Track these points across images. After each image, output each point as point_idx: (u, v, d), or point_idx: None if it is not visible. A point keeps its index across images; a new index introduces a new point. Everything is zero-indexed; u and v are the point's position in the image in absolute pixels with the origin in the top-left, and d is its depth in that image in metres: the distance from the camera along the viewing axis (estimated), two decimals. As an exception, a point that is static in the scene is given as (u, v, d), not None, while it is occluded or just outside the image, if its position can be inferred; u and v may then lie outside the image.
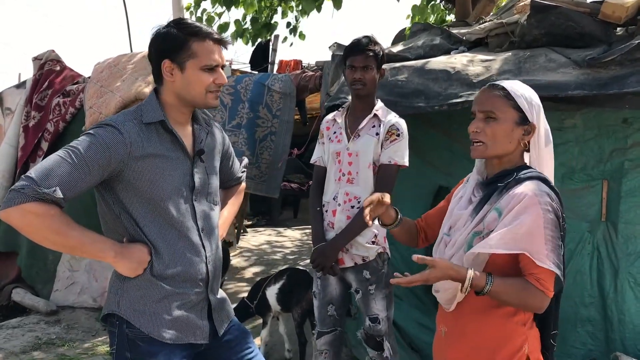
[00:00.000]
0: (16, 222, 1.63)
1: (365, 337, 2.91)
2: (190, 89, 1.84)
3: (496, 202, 1.70)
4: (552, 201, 1.64)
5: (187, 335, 1.87)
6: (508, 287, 1.64)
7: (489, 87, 1.79)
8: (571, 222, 3.34)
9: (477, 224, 1.72)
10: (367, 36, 2.82)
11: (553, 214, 1.63)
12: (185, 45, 1.81)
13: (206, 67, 1.83)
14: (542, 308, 1.67)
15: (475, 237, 1.71)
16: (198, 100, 1.87)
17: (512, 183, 1.70)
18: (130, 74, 4.97)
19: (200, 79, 1.83)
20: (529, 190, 1.64)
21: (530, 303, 1.66)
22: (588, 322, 3.35)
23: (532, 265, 1.62)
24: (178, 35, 1.81)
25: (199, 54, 1.81)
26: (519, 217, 1.61)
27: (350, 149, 2.82)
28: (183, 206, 1.86)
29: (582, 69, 3.00)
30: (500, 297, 1.65)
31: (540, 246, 1.60)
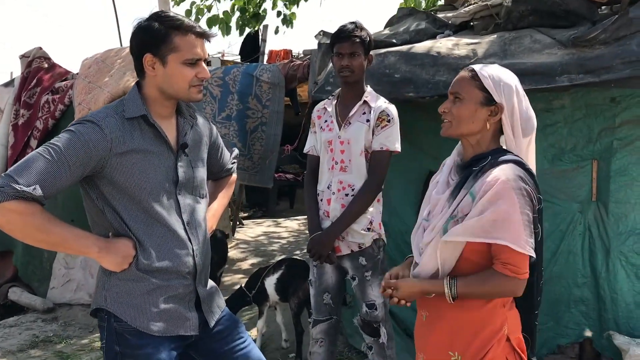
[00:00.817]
0: None
1: (361, 323, 2.91)
2: (173, 83, 1.83)
3: (471, 186, 1.70)
4: (526, 185, 1.64)
5: (176, 327, 1.87)
6: (474, 285, 1.68)
7: (462, 70, 1.82)
8: (562, 203, 3.36)
9: (455, 209, 1.72)
10: (353, 22, 2.81)
11: (527, 197, 1.64)
12: (167, 38, 1.79)
13: (188, 61, 1.81)
14: (516, 292, 1.68)
15: (450, 221, 1.72)
16: (181, 94, 1.86)
17: (487, 166, 1.70)
18: (118, 69, 4.94)
19: (183, 73, 1.81)
20: (503, 175, 1.63)
21: (502, 291, 1.68)
22: (581, 302, 3.36)
23: (501, 252, 1.63)
24: (160, 28, 1.79)
25: (181, 48, 1.80)
26: (495, 204, 1.61)
27: (341, 137, 2.82)
28: (167, 201, 1.86)
29: (567, 48, 2.98)
30: (470, 296, 1.70)
31: (519, 232, 1.61)
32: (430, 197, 1.89)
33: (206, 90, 4.70)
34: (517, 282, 1.65)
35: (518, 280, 1.65)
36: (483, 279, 1.68)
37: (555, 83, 2.94)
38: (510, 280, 1.64)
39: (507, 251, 1.62)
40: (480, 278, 1.68)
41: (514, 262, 1.63)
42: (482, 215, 1.62)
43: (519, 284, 1.66)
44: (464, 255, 1.71)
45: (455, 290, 1.68)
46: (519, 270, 1.64)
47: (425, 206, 1.90)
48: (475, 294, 1.70)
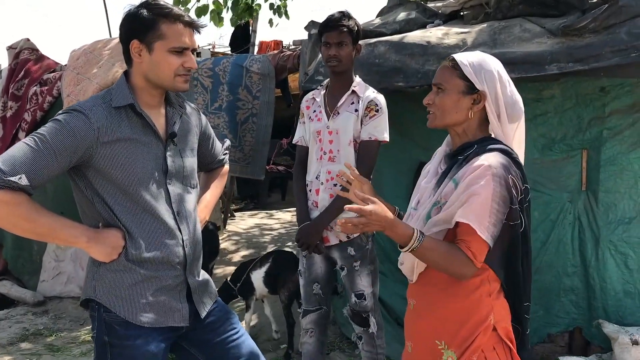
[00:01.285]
0: None
1: (351, 313, 2.92)
2: (158, 71, 1.81)
3: (455, 174, 1.69)
4: (508, 174, 1.62)
5: (166, 318, 1.86)
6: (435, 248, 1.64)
7: (444, 60, 1.80)
8: (552, 193, 3.37)
9: (438, 197, 1.72)
10: (341, 11, 2.79)
11: (505, 188, 1.61)
12: (154, 25, 1.78)
13: (174, 49, 1.80)
14: (464, 275, 1.67)
15: (434, 208, 1.72)
16: (166, 83, 1.84)
17: (472, 155, 1.69)
18: (106, 60, 4.90)
19: (168, 61, 1.80)
20: (486, 162, 1.62)
21: (454, 268, 1.65)
22: (571, 291, 3.38)
23: (465, 233, 1.63)
24: (147, 15, 1.78)
25: (167, 36, 1.78)
26: (471, 187, 1.60)
27: (330, 127, 2.80)
28: (156, 190, 1.84)
29: (557, 37, 2.98)
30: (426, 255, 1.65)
31: (484, 217, 1.59)
32: (419, 186, 1.89)
33: (197, 81, 4.67)
34: (470, 265, 1.63)
35: (471, 264, 1.63)
36: (447, 248, 1.65)
37: (544, 72, 2.94)
38: (466, 262, 1.63)
39: (470, 233, 1.61)
40: (446, 247, 1.65)
41: (475, 246, 1.62)
42: (459, 200, 1.62)
43: (471, 268, 1.64)
44: (448, 239, 1.70)
45: (419, 243, 1.61)
46: (477, 256, 1.62)
47: (415, 195, 1.89)
48: (431, 257, 1.65)
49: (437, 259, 1.66)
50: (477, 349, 1.68)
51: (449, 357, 1.72)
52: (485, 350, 1.69)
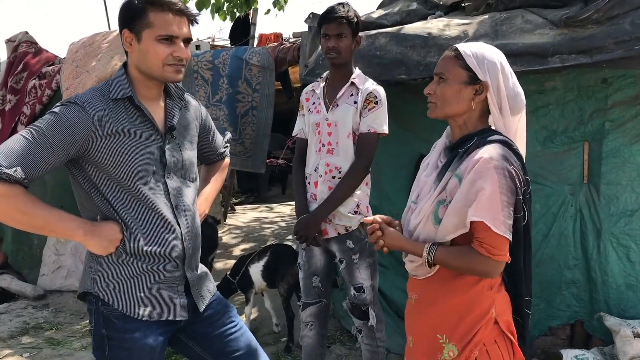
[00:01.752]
0: None
1: (350, 307, 2.91)
2: (147, 61, 1.78)
3: (457, 168, 1.68)
4: (510, 165, 1.61)
5: (164, 312, 1.85)
6: (450, 256, 1.68)
7: (447, 50, 1.79)
8: (553, 185, 3.35)
9: (441, 192, 1.71)
10: (341, 3, 2.77)
11: (509, 179, 1.60)
12: (142, 14, 1.75)
13: (161, 38, 1.76)
14: (490, 273, 1.66)
15: (440, 206, 1.70)
16: (155, 72, 1.80)
17: (473, 147, 1.67)
18: (105, 53, 4.88)
19: (155, 50, 1.76)
20: (487, 154, 1.61)
21: (475, 269, 1.66)
22: (572, 284, 3.37)
23: (478, 230, 1.62)
24: (137, 3, 1.76)
25: (155, 24, 1.75)
26: (475, 183, 1.59)
27: (329, 119, 2.79)
28: (154, 184, 1.83)
29: (559, 28, 2.95)
30: (446, 266, 1.70)
31: (497, 212, 1.58)
32: (419, 179, 1.87)
33: (197, 74, 4.65)
34: (490, 262, 1.63)
35: (491, 260, 1.62)
36: (460, 252, 1.67)
37: (547, 64, 2.91)
38: (484, 260, 1.63)
39: (483, 229, 1.60)
40: (459, 251, 1.67)
41: (489, 241, 1.61)
42: (465, 198, 1.61)
43: (493, 264, 1.63)
44: (466, 237, 1.69)
45: (432, 256, 1.68)
46: (493, 251, 1.61)
47: (415, 189, 1.88)
48: (451, 265, 1.69)
49: (456, 265, 1.68)
50: (478, 342, 1.68)
51: (450, 351, 1.72)
52: (487, 344, 1.68)
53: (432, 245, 1.69)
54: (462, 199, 1.62)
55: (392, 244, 1.77)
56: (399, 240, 1.77)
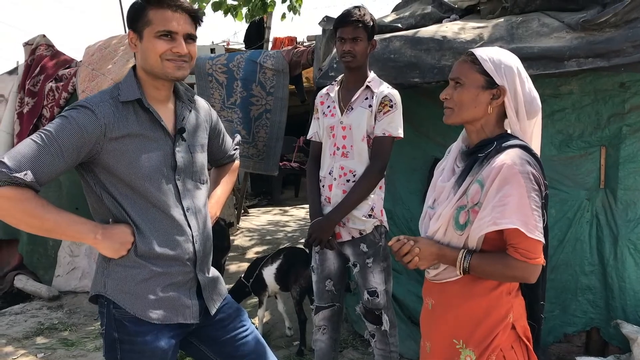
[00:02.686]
0: None
1: (363, 311, 2.89)
2: (147, 58, 1.78)
3: (478, 173, 1.67)
4: (533, 169, 1.61)
5: (176, 315, 1.85)
6: (485, 263, 1.66)
7: (462, 55, 1.79)
8: (569, 190, 3.31)
9: (461, 197, 1.70)
10: (357, 6, 2.76)
11: (534, 182, 1.61)
12: (142, 13, 1.77)
13: (159, 34, 1.76)
14: (527, 278, 1.65)
15: (461, 212, 1.69)
16: (156, 69, 1.79)
17: (493, 152, 1.67)
18: (121, 56, 4.92)
19: (154, 46, 1.76)
20: (509, 159, 1.60)
21: (512, 274, 1.65)
22: (588, 290, 3.32)
23: (512, 236, 1.61)
24: (139, 4, 1.78)
25: (153, 21, 1.76)
26: (502, 189, 1.58)
27: (343, 123, 2.78)
28: (165, 186, 1.83)
29: (576, 32, 2.92)
30: (481, 274, 1.68)
31: (528, 216, 1.58)
32: (435, 184, 1.87)
33: (211, 77, 4.67)
34: (527, 266, 1.62)
35: (528, 264, 1.61)
36: (496, 259, 1.65)
37: (563, 68, 2.88)
38: (520, 264, 1.62)
39: (517, 235, 1.59)
40: (494, 257, 1.66)
41: (524, 245, 1.60)
42: (493, 204, 1.60)
43: (530, 268, 1.63)
44: (483, 246, 1.69)
45: (467, 263, 1.67)
46: (529, 255, 1.61)
47: (431, 194, 1.87)
48: (486, 272, 1.67)
49: (491, 271, 1.66)
50: (496, 347, 1.66)
51: (467, 356, 1.70)
52: (504, 349, 1.67)
53: (467, 252, 1.68)
54: (489, 205, 1.61)
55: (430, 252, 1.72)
56: (434, 246, 1.73)
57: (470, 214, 1.67)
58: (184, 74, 1.83)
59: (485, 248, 1.69)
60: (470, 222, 1.67)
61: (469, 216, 1.67)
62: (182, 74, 1.82)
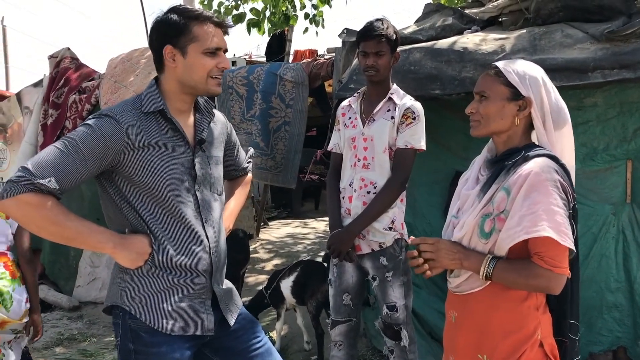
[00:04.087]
0: (13, 213, 1.63)
1: (382, 326, 2.85)
2: (193, 74, 1.81)
3: (504, 181, 1.66)
4: (560, 178, 1.59)
5: (191, 326, 1.84)
6: (510, 270, 1.62)
7: (486, 69, 1.80)
8: (594, 205, 3.24)
9: (486, 204, 1.68)
10: (379, 19, 2.74)
11: (562, 190, 1.58)
12: (186, 29, 1.78)
13: (208, 51, 1.79)
14: (552, 288, 1.61)
15: (486, 220, 1.67)
16: (200, 85, 1.83)
17: (520, 161, 1.66)
18: (143, 68, 4.97)
19: (203, 63, 1.79)
20: (537, 167, 1.59)
21: (536, 284, 1.61)
22: (615, 308, 3.23)
23: (539, 244, 1.57)
24: (178, 19, 1.78)
25: (200, 37, 1.78)
26: (530, 197, 1.56)
27: (365, 134, 2.76)
28: (185, 196, 1.83)
29: (601, 43, 2.87)
30: (504, 281, 1.64)
31: (559, 224, 1.55)
32: (459, 193, 1.85)
33: (232, 89, 4.70)
34: (552, 275, 1.58)
35: (553, 273, 1.57)
36: (520, 266, 1.62)
37: (588, 79, 2.83)
38: (545, 273, 1.58)
39: (545, 243, 1.56)
40: (519, 264, 1.62)
41: (550, 254, 1.57)
42: (521, 213, 1.57)
43: (555, 278, 1.58)
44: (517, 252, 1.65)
45: (491, 269, 1.63)
46: (555, 263, 1.57)
47: (455, 203, 1.86)
48: (509, 280, 1.63)
49: (514, 279, 1.63)
50: None
51: None
52: None
53: (492, 258, 1.65)
54: (518, 214, 1.58)
55: (451, 248, 1.70)
56: (456, 248, 1.70)
57: (496, 222, 1.64)
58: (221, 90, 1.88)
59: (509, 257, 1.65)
60: (495, 230, 1.64)
61: (494, 224, 1.65)
62: (221, 90, 1.88)
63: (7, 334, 2.92)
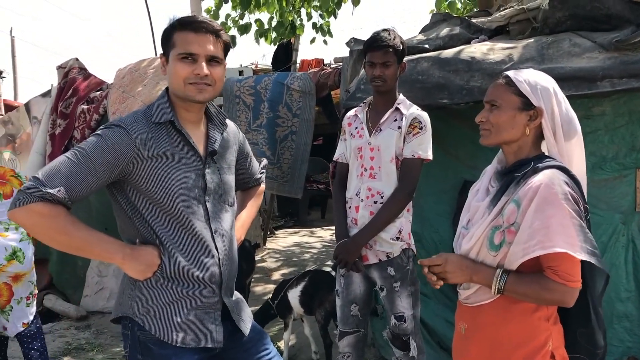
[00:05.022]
0: (23, 222, 1.64)
1: (391, 336, 2.83)
2: (172, 80, 1.81)
3: (514, 193, 1.65)
4: (571, 190, 1.58)
5: (200, 338, 1.83)
6: (522, 284, 1.61)
7: (496, 78, 1.80)
8: (603, 214, 3.22)
9: (496, 216, 1.67)
10: (386, 30, 2.74)
11: (574, 202, 1.57)
12: (169, 36, 1.80)
13: (181, 56, 1.77)
14: (566, 301, 1.60)
15: (496, 232, 1.66)
16: (179, 92, 1.81)
17: (530, 173, 1.64)
18: (151, 78, 4.99)
19: (176, 69, 1.78)
20: (546, 179, 1.58)
21: (550, 298, 1.60)
22: (625, 317, 3.21)
23: (552, 258, 1.56)
24: (167, 28, 1.82)
25: (177, 44, 1.78)
26: (541, 210, 1.55)
27: (371, 144, 2.76)
28: (195, 207, 1.83)
29: (609, 52, 2.86)
30: (516, 295, 1.63)
31: (573, 238, 1.53)
32: (470, 205, 1.85)
33: (239, 99, 4.71)
34: (566, 290, 1.57)
35: (567, 287, 1.56)
36: (534, 280, 1.60)
37: (596, 88, 2.82)
38: (559, 287, 1.57)
39: (559, 257, 1.55)
40: (532, 278, 1.61)
41: (564, 268, 1.56)
42: (534, 227, 1.55)
43: (569, 292, 1.57)
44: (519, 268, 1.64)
45: (503, 283, 1.62)
46: (569, 277, 1.56)
47: (465, 214, 1.85)
48: (522, 294, 1.62)
49: (526, 292, 1.62)
50: None
51: None
52: None
53: (503, 272, 1.64)
54: (529, 228, 1.57)
55: (461, 263, 1.70)
56: (466, 263, 1.70)
57: (506, 234, 1.63)
58: (206, 97, 1.82)
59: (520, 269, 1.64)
60: (505, 242, 1.63)
61: (504, 236, 1.64)
62: (203, 97, 1.81)
63: (26, 287, 3.50)
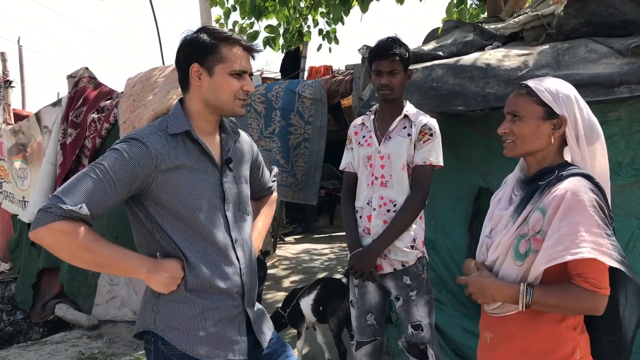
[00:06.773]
0: (45, 242, 1.61)
1: (407, 346, 2.81)
2: (219, 94, 1.81)
3: (539, 201, 1.64)
4: (596, 197, 1.57)
5: (225, 351, 1.81)
6: (551, 296, 1.59)
7: (515, 88, 1.79)
8: (620, 220, 3.19)
9: (521, 225, 1.66)
10: (391, 38, 2.74)
11: (600, 210, 1.56)
12: (215, 49, 1.79)
13: (235, 73, 1.80)
14: (597, 309, 1.58)
15: (522, 241, 1.65)
16: (225, 106, 1.83)
17: (554, 181, 1.64)
18: (162, 87, 5.00)
19: (229, 84, 1.80)
20: (572, 187, 1.57)
21: (581, 306, 1.58)
22: (643, 324, 3.17)
23: (581, 266, 1.55)
24: (208, 39, 1.80)
25: (228, 59, 1.79)
26: (568, 217, 1.53)
27: (381, 152, 2.75)
28: (215, 217, 1.82)
29: (627, 57, 2.84)
30: (545, 307, 1.61)
31: (601, 245, 1.52)
32: (492, 214, 1.83)
33: (250, 107, 4.71)
34: (597, 297, 1.55)
35: (598, 295, 1.55)
36: (562, 290, 1.58)
37: (614, 94, 2.80)
38: (590, 295, 1.55)
39: (588, 264, 1.53)
40: (559, 288, 1.59)
41: (594, 275, 1.54)
42: (561, 233, 1.54)
43: (600, 299, 1.56)
44: (544, 278, 1.63)
45: (530, 297, 1.60)
46: (599, 285, 1.54)
47: (488, 223, 1.84)
48: (551, 306, 1.60)
49: (556, 304, 1.60)
50: None
51: None
52: None
53: (528, 286, 1.61)
54: (556, 235, 1.55)
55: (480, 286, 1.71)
56: (485, 284, 1.70)
57: (532, 243, 1.62)
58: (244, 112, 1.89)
59: (545, 279, 1.63)
60: (532, 251, 1.62)
61: (530, 245, 1.62)
62: (244, 111, 1.89)
63: None
